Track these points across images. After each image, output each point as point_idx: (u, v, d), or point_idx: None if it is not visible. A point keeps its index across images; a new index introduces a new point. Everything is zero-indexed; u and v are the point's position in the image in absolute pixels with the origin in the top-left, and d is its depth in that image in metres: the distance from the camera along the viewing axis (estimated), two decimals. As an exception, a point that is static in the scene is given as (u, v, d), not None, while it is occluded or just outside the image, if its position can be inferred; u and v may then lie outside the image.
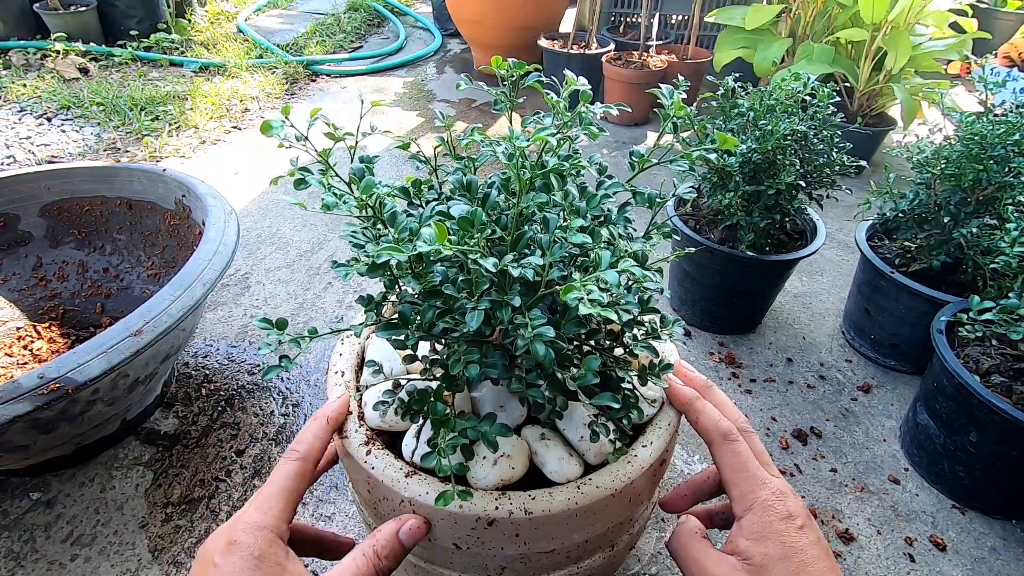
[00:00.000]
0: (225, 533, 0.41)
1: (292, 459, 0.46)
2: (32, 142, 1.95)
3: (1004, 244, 0.91)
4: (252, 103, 2.34)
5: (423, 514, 0.49)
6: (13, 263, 1.13)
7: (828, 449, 1.04)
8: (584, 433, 0.52)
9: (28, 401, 0.66)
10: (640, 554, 0.86)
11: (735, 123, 1.09)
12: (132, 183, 1.13)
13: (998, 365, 0.89)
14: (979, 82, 1.11)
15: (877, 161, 2.04)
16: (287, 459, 0.46)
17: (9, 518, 0.87)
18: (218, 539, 0.41)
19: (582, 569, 0.57)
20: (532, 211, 0.41)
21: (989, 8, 3.06)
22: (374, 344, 0.64)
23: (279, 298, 1.35)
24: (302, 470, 0.46)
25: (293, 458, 0.46)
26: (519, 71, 0.52)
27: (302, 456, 0.46)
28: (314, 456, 0.47)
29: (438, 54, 3.04)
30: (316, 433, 0.48)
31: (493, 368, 0.42)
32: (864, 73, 1.86)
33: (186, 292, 0.81)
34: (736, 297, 1.21)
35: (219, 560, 0.39)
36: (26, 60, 2.53)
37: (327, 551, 0.52)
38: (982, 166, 1.01)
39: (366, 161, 0.47)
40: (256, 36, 2.93)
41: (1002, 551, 0.89)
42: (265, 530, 0.41)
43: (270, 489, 0.44)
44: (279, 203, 1.71)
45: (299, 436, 0.48)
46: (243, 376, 1.13)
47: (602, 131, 0.49)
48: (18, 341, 1.09)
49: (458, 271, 0.42)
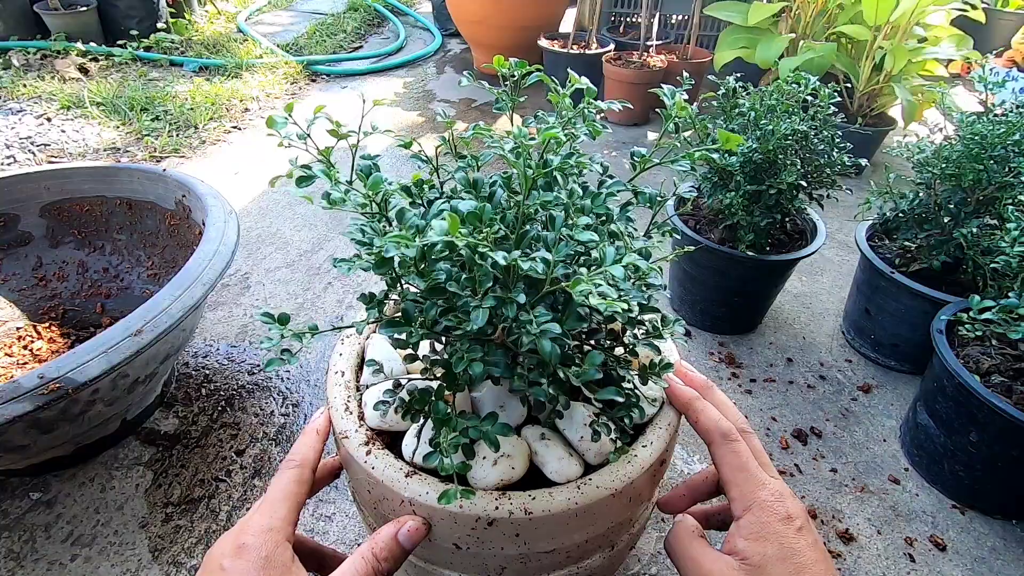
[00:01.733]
0: (232, 538, 0.42)
1: (290, 467, 0.47)
2: (32, 142, 1.95)
3: (1004, 244, 0.91)
4: (252, 103, 2.34)
5: (423, 514, 0.49)
6: (13, 263, 1.13)
7: (828, 449, 1.03)
8: (584, 433, 0.52)
9: (28, 401, 0.66)
10: (640, 554, 0.86)
11: (736, 123, 1.09)
12: (132, 183, 1.13)
13: (998, 365, 0.89)
14: (979, 82, 1.11)
15: (877, 161, 2.04)
16: (285, 467, 0.47)
17: (9, 518, 0.87)
18: (225, 544, 0.41)
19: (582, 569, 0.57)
20: (535, 209, 0.41)
21: (990, 8, 3.06)
22: (374, 344, 0.64)
23: (279, 298, 1.34)
24: (300, 476, 0.47)
25: (291, 466, 0.47)
26: (520, 70, 0.52)
27: (299, 463, 0.48)
28: (310, 463, 0.48)
29: (438, 54, 3.04)
30: (307, 443, 0.50)
31: (496, 366, 0.42)
32: (865, 73, 1.86)
33: (186, 292, 0.80)
34: (736, 297, 1.21)
35: (227, 564, 0.40)
36: (26, 60, 2.53)
37: (326, 567, 0.52)
38: (982, 166, 1.01)
39: (368, 159, 0.47)
40: (256, 36, 2.93)
41: (1002, 551, 0.89)
42: (272, 532, 0.42)
43: (273, 495, 0.45)
44: (279, 203, 1.71)
45: (292, 448, 0.50)
46: (243, 376, 1.13)
47: (604, 128, 0.49)
48: (18, 341, 1.08)
49: (461, 269, 0.42)
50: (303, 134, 0.45)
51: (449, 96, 2.52)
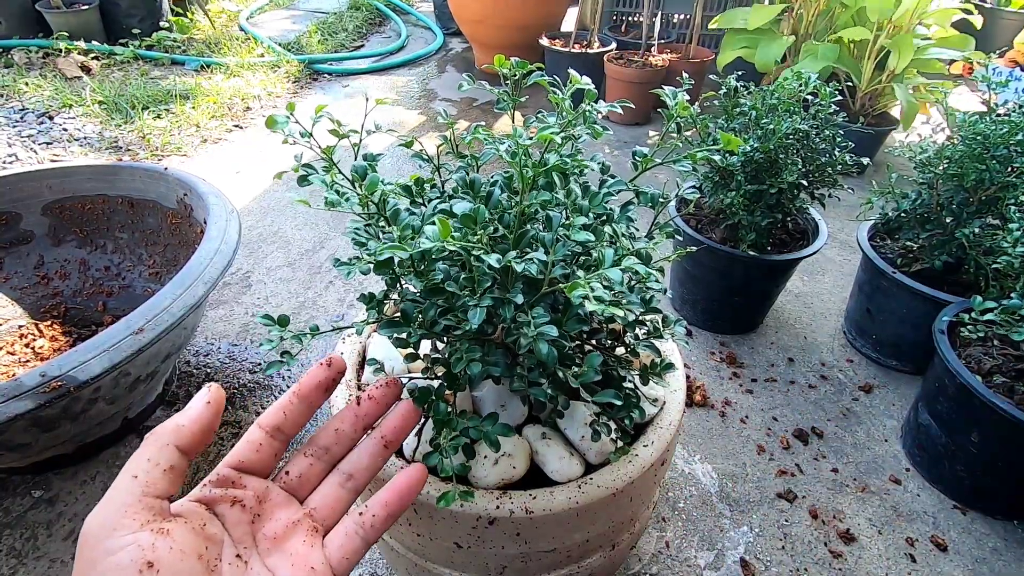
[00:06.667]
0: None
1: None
2: (34, 140, 1.95)
3: (1006, 244, 0.90)
4: (254, 102, 2.34)
5: (424, 514, 0.49)
6: (15, 261, 1.13)
7: (829, 449, 1.03)
8: (585, 432, 0.52)
9: (30, 399, 0.66)
10: (641, 553, 0.86)
11: (738, 122, 1.09)
12: (134, 182, 1.13)
13: (1000, 365, 0.89)
14: (982, 82, 1.10)
15: (879, 161, 2.03)
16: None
17: (11, 516, 0.87)
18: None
19: (583, 568, 0.57)
20: (535, 209, 0.41)
21: (993, 8, 3.05)
22: (375, 343, 0.64)
23: (280, 297, 1.35)
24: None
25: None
26: (522, 70, 0.52)
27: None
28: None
29: (439, 53, 3.04)
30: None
31: (495, 366, 0.42)
32: (867, 72, 1.86)
33: (187, 291, 0.81)
34: (737, 297, 1.21)
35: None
36: (28, 59, 2.53)
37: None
38: (985, 166, 1.01)
39: (369, 159, 0.47)
40: (258, 35, 2.93)
41: (1003, 551, 0.88)
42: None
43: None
44: (280, 202, 1.71)
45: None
46: (244, 375, 1.13)
47: (605, 130, 0.49)
48: (20, 339, 1.09)
49: (460, 269, 0.42)
50: (305, 132, 0.45)
51: (450, 95, 2.52)
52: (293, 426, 0.40)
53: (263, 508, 0.38)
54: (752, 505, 0.94)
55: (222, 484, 0.37)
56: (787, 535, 0.90)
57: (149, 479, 0.33)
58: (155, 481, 0.33)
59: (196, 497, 0.36)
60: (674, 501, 0.94)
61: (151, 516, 0.32)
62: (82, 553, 0.31)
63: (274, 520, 0.38)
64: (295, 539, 0.37)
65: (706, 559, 0.86)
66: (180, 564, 0.31)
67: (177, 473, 0.35)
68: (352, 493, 0.41)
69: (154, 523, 0.32)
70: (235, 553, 0.35)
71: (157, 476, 0.34)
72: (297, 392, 0.40)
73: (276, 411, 0.39)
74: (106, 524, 0.31)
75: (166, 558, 0.31)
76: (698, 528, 0.90)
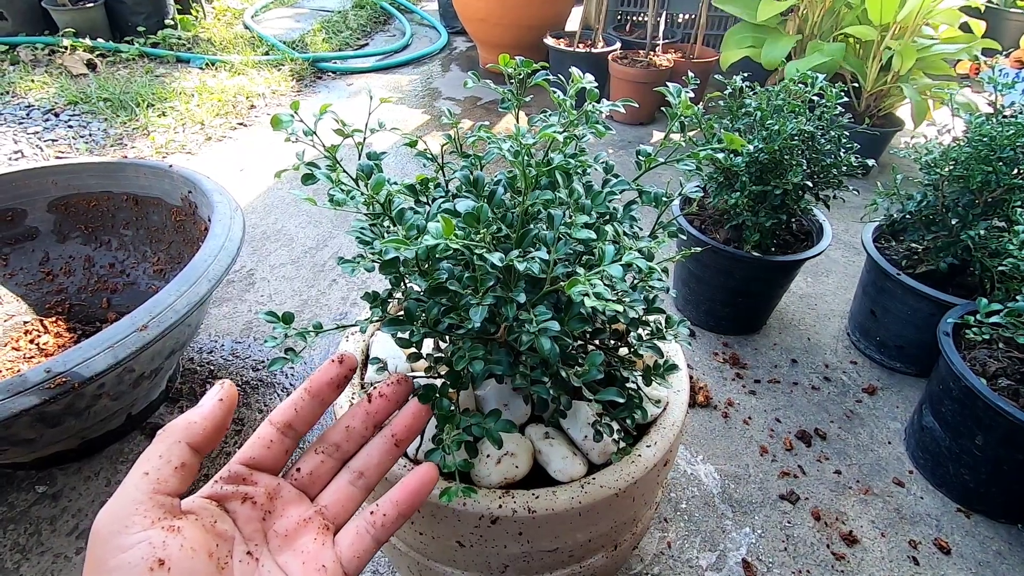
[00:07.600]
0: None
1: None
2: (39, 137, 1.96)
3: (1012, 246, 0.90)
4: (258, 100, 2.35)
5: (427, 512, 0.49)
6: (20, 258, 1.13)
7: (832, 451, 1.03)
8: (588, 432, 0.52)
9: (34, 395, 0.66)
10: (643, 554, 0.86)
11: (742, 123, 1.09)
12: (138, 179, 1.14)
13: (1005, 368, 0.89)
14: (988, 83, 1.10)
15: (884, 162, 2.02)
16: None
17: (15, 511, 0.87)
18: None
19: (585, 568, 0.57)
20: (538, 209, 0.41)
21: (999, 8, 3.03)
22: (378, 342, 0.64)
23: (284, 295, 1.35)
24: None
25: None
26: (526, 69, 0.52)
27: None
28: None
29: (444, 52, 3.04)
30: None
31: (498, 364, 0.42)
32: (872, 73, 1.85)
33: (191, 288, 0.81)
34: (741, 297, 1.20)
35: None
36: (34, 56, 2.54)
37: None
38: (991, 168, 1.00)
39: (374, 157, 0.47)
40: (262, 33, 2.94)
41: (1007, 555, 0.88)
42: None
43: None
44: (285, 200, 1.71)
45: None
46: (248, 372, 1.13)
47: (608, 129, 0.49)
48: (25, 335, 1.09)
49: (463, 268, 0.42)
50: (309, 130, 0.45)
51: (455, 94, 2.52)
52: (304, 423, 0.40)
53: (274, 505, 0.38)
54: (754, 506, 0.93)
55: (233, 481, 0.37)
56: (789, 537, 0.89)
57: (160, 476, 0.33)
58: (166, 478, 0.33)
59: (207, 494, 0.36)
60: (676, 502, 0.94)
61: (162, 513, 0.32)
62: (93, 550, 0.31)
63: (285, 517, 0.38)
64: (306, 537, 0.37)
65: (708, 560, 0.86)
66: (191, 561, 0.31)
67: (188, 470, 0.35)
68: (363, 491, 0.41)
69: (165, 520, 0.32)
70: (246, 550, 0.35)
71: (168, 473, 0.34)
72: (308, 389, 0.40)
73: (287, 408, 0.40)
74: (117, 521, 0.31)
75: (177, 555, 0.31)
76: (700, 529, 0.90)
